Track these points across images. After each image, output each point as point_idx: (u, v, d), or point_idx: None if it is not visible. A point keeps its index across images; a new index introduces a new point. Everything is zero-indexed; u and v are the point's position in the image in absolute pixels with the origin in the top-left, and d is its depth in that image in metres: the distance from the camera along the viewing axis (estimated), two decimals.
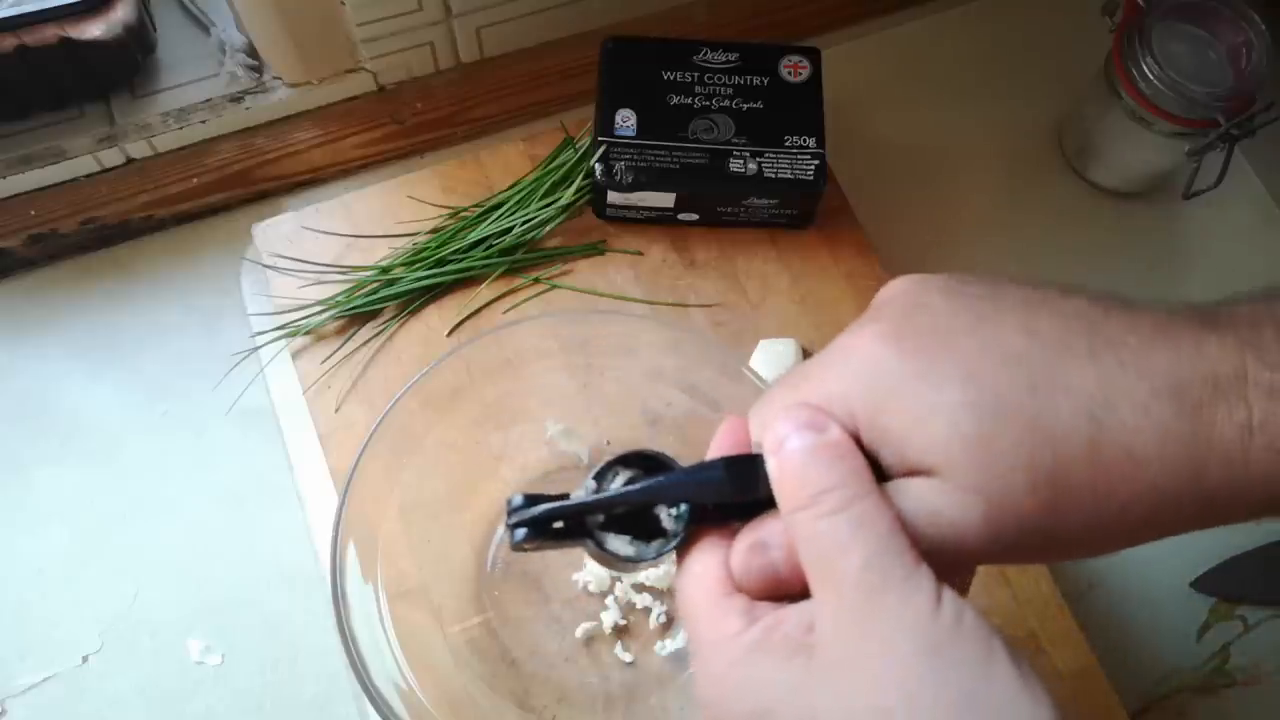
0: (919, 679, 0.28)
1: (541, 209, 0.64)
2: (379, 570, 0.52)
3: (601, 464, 0.36)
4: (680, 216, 0.65)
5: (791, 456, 0.31)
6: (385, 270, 0.63)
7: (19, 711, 0.56)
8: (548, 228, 0.64)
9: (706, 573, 0.33)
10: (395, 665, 0.50)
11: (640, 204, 0.64)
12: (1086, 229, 0.71)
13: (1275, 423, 0.30)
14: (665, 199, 0.63)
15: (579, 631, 0.56)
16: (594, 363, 0.57)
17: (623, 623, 0.57)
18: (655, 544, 0.35)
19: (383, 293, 0.63)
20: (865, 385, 0.32)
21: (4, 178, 0.63)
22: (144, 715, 0.56)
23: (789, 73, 0.65)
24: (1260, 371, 0.30)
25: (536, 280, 0.64)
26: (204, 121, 0.65)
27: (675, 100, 0.64)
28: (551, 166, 0.65)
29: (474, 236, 0.64)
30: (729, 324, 0.63)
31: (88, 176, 0.65)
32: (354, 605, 0.49)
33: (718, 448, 0.35)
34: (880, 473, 0.32)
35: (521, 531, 0.35)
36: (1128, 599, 0.61)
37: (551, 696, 0.55)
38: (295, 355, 0.62)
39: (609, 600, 0.57)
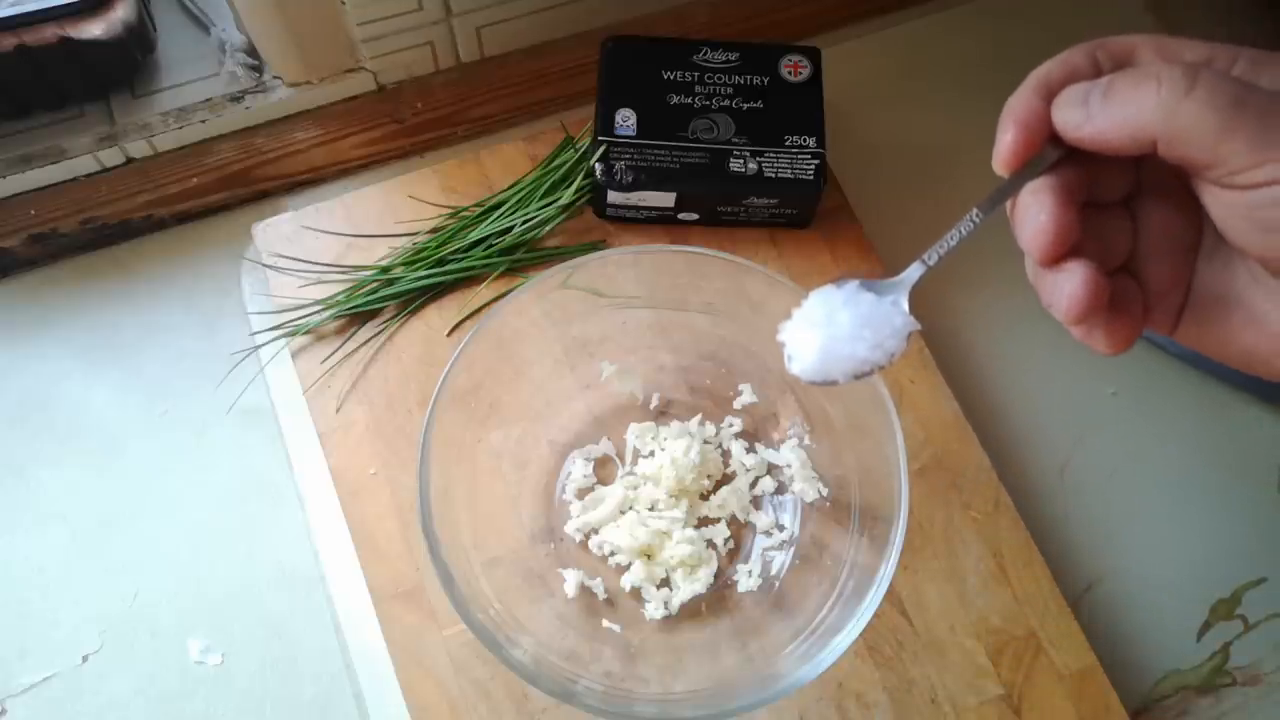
0: None
1: (541, 209, 0.64)
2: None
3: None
4: (680, 216, 0.65)
5: None
6: (385, 270, 0.63)
7: (19, 711, 0.56)
8: (548, 227, 0.64)
9: None
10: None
11: (640, 204, 0.64)
12: None
13: None
14: (665, 199, 0.63)
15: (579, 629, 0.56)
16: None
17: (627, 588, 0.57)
18: None
19: (383, 292, 0.63)
20: None
21: (4, 178, 0.63)
22: (144, 715, 0.56)
23: (789, 72, 0.65)
24: None
25: None
26: (204, 121, 0.65)
27: (675, 100, 0.64)
28: (551, 166, 0.65)
29: (474, 236, 0.64)
30: (729, 325, 0.63)
31: (88, 176, 0.65)
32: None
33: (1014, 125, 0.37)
34: None
35: None
36: (1128, 599, 0.61)
37: (551, 699, 0.55)
38: (295, 355, 0.62)
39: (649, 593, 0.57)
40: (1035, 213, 0.36)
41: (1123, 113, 0.33)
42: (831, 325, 0.40)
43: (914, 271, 0.41)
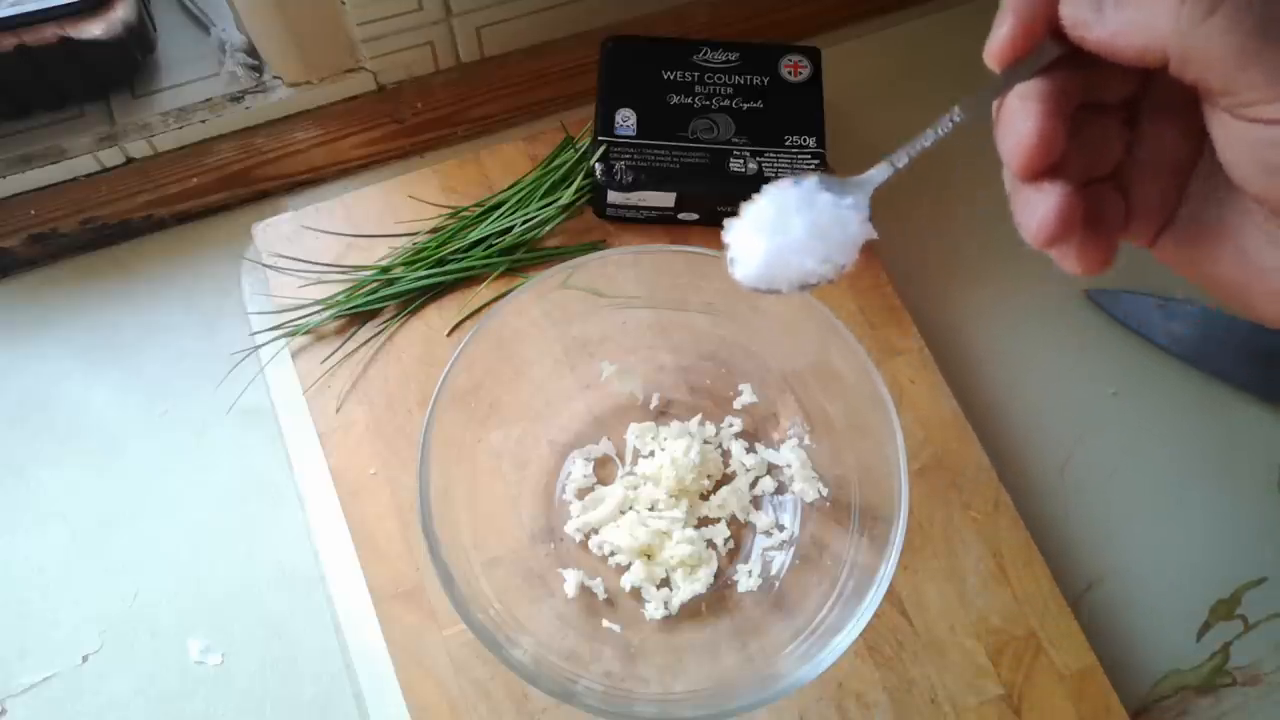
0: None
1: (541, 209, 0.64)
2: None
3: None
4: (680, 216, 0.65)
5: None
6: (385, 270, 0.63)
7: (19, 711, 0.56)
8: (548, 227, 0.64)
9: None
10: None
11: (640, 204, 0.64)
12: None
13: None
14: (665, 199, 0.63)
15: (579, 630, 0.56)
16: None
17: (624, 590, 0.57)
18: None
19: (383, 292, 0.63)
20: None
21: (4, 178, 0.63)
22: (144, 715, 0.56)
23: (789, 72, 0.65)
24: None
25: None
26: (204, 121, 0.65)
27: (675, 100, 0.64)
28: (551, 166, 0.65)
29: (474, 236, 0.64)
30: (729, 325, 0.63)
31: (88, 176, 0.65)
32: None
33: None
34: None
35: None
36: (1128, 599, 0.61)
37: (551, 699, 0.55)
38: (295, 355, 0.62)
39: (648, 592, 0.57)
40: (1021, 121, 0.33)
41: (1137, 21, 0.30)
42: (782, 232, 0.37)
43: (879, 173, 0.37)
